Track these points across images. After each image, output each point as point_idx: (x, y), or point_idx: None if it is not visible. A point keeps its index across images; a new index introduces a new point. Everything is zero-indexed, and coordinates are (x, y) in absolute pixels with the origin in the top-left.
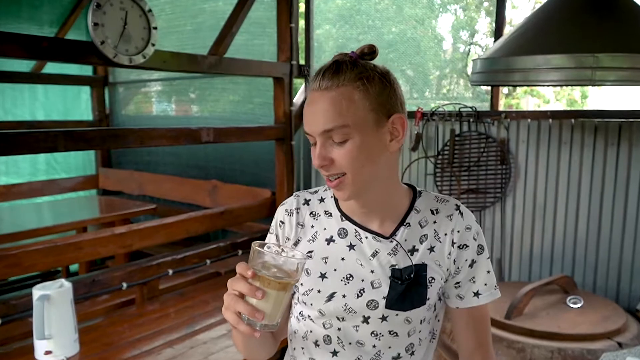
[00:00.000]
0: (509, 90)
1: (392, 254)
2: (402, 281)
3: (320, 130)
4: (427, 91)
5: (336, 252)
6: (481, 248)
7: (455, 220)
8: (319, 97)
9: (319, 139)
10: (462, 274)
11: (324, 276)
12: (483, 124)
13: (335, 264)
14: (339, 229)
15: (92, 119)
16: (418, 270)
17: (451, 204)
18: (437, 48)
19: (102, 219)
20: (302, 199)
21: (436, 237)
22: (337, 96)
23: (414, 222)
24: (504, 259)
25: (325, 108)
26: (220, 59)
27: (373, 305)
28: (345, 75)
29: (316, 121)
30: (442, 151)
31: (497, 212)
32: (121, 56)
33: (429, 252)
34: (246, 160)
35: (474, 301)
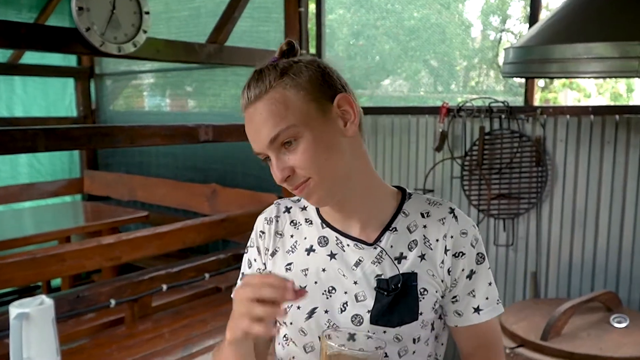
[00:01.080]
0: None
1: (376, 262)
2: (388, 292)
3: (267, 141)
4: (453, 84)
5: (316, 263)
6: (481, 257)
7: (448, 225)
8: (252, 111)
9: (271, 153)
10: (459, 287)
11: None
12: (516, 121)
13: (316, 276)
14: (319, 237)
15: (76, 115)
16: (407, 279)
17: (445, 206)
18: (465, 35)
19: (88, 227)
20: (283, 207)
21: (427, 244)
22: (268, 101)
23: (402, 226)
24: (540, 272)
25: (263, 117)
26: (221, 47)
27: (358, 321)
28: (269, 78)
29: (259, 135)
30: (470, 151)
31: (532, 219)
32: (109, 44)
33: (420, 260)
34: (250, 161)
35: (475, 318)
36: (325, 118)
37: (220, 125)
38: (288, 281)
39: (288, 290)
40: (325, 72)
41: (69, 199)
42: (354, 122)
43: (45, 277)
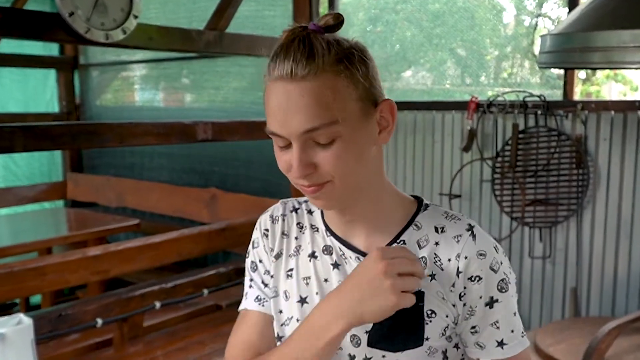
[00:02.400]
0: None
1: None
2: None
3: (302, 130)
4: (482, 76)
5: (318, 272)
6: (505, 283)
7: (463, 243)
8: (292, 89)
9: (298, 142)
10: (477, 316)
11: (304, 301)
12: (554, 118)
13: (318, 286)
14: (324, 246)
15: (58, 111)
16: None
17: (463, 222)
18: (496, 21)
19: (71, 237)
20: (290, 206)
21: (437, 263)
22: (319, 86)
23: (412, 240)
24: (581, 288)
25: (306, 102)
26: (221, 35)
27: (356, 342)
28: (324, 59)
29: (294, 120)
30: (501, 152)
31: (572, 229)
32: (95, 31)
33: (429, 279)
34: (254, 163)
35: (498, 353)
36: (365, 121)
37: (221, 122)
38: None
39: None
40: (374, 68)
41: (50, 206)
42: (389, 132)
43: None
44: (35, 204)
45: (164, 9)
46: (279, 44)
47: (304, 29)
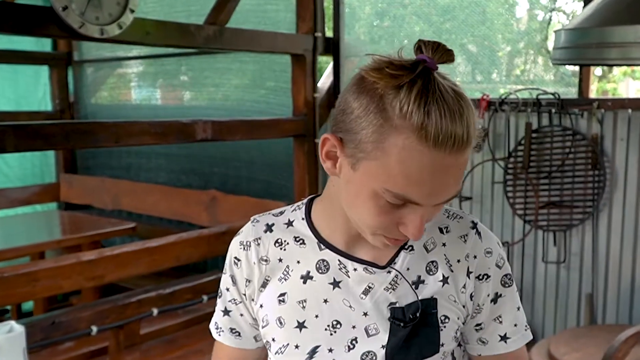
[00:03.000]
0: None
1: (390, 288)
2: (405, 323)
3: (445, 199)
4: (494, 73)
5: (316, 293)
6: (508, 278)
7: (471, 243)
8: (454, 162)
9: (426, 209)
10: (484, 313)
11: (303, 326)
12: (569, 116)
13: (317, 309)
14: (318, 261)
15: (51, 109)
16: (426, 307)
17: (466, 220)
18: (508, 15)
19: (65, 241)
20: (263, 225)
21: (448, 264)
22: (465, 161)
23: (418, 245)
24: (597, 294)
25: (457, 175)
26: (221, 29)
27: (369, 359)
28: (473, 135)
29: (444, 191)
30: (514, 152)
31: (588, 232)
32: (90, 26)
33: (441, 284)
34: (256, 164)
35: (501, 347)
36: None
37: (221, 121)
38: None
39: None
40: None
41: (42, 208)
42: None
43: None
44: (27, 207)
45: (161, 3)
46: (428, 95)
47: (429, 62)
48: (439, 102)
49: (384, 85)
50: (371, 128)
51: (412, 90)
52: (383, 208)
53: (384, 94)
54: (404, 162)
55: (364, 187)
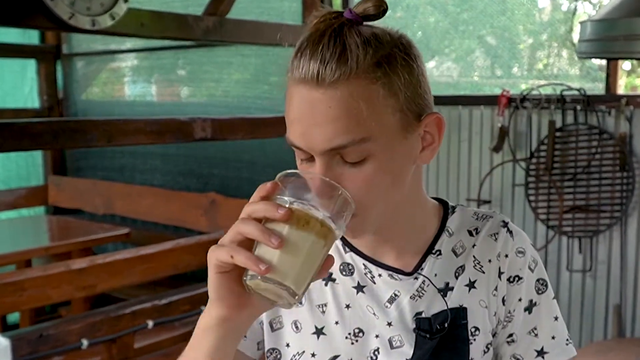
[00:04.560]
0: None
1: (417, 296)
2: (432, 334)
3: (326, 147)
4: (515, 67)
5: (337, 297)
6: (542, 284)
7: (502, 241)
8: (320, 97)
9: (321, 159)
10: (516, 322)
11: (321, 332)
12: (595, 114)
13: (337, 314)
14: (342, 264)
15: (39, 106)
16: (455, 316)
17: (496, 219)
18: (530, 5)
19: (53, 248)
20: None
21: (477, 267)
22: (350, 95)
23: (446, 249)
24: (626, 305)
25: (333, 115)
26: (221, 21)
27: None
28: (358, 61)
29: (318, 134)
30: (536, 152)
31: (616, 238)
32: (80, 17)
33: (469, 289)
34: (258, 164)
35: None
36: (405, 138)
37: (221, 119)
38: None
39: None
40: (421, 70)
41: (29, 213)
42: (434, 150)
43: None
44: (13, 211)
45: None
46: (305, 37)
47: (337, 17)
48: (314, 42)
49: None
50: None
51: (328, 31)
52: (299, 166)
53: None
54: (287, 105)
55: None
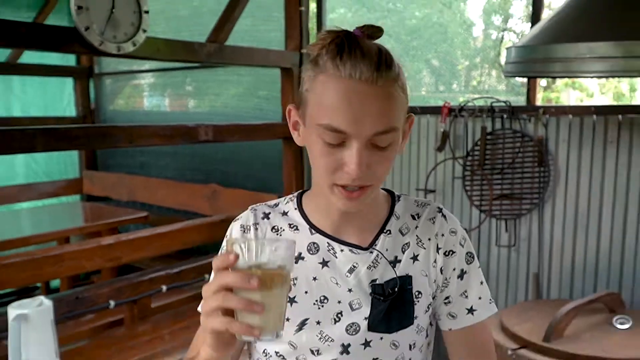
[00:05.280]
0: (548, 82)
1: (372, 267)
2: (384, 297)
3: (374, 132)
4: (454, 83)
5: (306, 271)
6: (470, 256)
7: (438, 224)
8: (369, 91)
9: (359, 142)
10: (451, 287)
11: (293, 300)
12: (518, 121)
13: (306, 285)
14: (309, 244)
15: (75, 115)
16: (402, 283)
17: (433, 207)
18: (467, 34)
19: (87, 228)
20: (261, 213)
21: (419, 244)
22: (387, 93)
23: (395, 229)
24: (542, 273)
25: (382, 105)
26: (221, 47)
27: (353, 329)
28: (388, 69)
29: (367, 121)
30: (471, 152)
31: (534, 220)
32: (108, 44)
33: (413, 261)
34: (252, 161)
35: (469, 319)
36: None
37: (220, 125)
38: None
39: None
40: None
41: (67, 200)
42: (405, 143)
43: (44, 278)
44: (54, 198)
45: (169, 24)
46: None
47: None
48: (353, 47)
49: (318, 48)
50: (308, 81)
51: (334, 42)
52: (325, 148)
53: (318, 53)
54: (326, 93)
55: (312, 136)
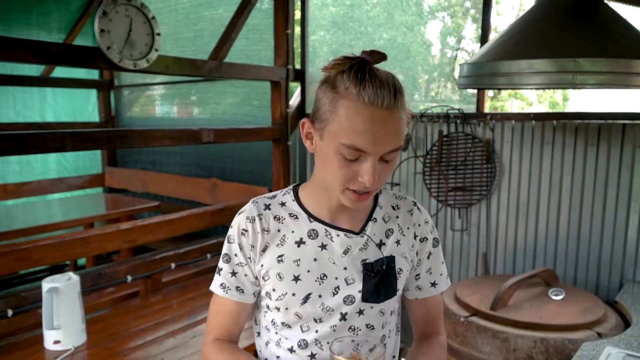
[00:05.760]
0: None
1: (363, 248)
2: (374, 274)
3: (388, 149)
4: (416, 94)
5: (307, 254)
6: (436, 241)
7: (415, 215)
8: (387, 117)
9: (374, 158)
10: (422, 266)
11: (297, 279)
12: (469, 125)
13: (308, 266)
14: (309, 230)
15: (98, 120)
16: (388, 262)
17: (409, 201)
18: (426, 53)
19: (108, 215)
20: (262, 205)
21: (400, 231)
22: (399, 117)
23: (379, 217)
24: (490, 253)
25: (395, 128)
26: (220, 63)
27: (350, 301)
28: (401, 100)
29: (385, 139)
30: (430, 151)
31: (483, 209)
32: (126, 61)
33: (396, 245)
34: (246, 159)
35: (432, 291)
36: None
37: (220, 128)
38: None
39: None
40: None
41: (92, 191)
42: None
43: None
44: (81, 190)
45: (177, 44)
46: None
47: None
48: (372, 76)
49: (335, 72)
50: (328, 102)
51: (352, 69)
52: (343, 162)
53: (335, 76)
54: (350, 118)
55: (329, 149)
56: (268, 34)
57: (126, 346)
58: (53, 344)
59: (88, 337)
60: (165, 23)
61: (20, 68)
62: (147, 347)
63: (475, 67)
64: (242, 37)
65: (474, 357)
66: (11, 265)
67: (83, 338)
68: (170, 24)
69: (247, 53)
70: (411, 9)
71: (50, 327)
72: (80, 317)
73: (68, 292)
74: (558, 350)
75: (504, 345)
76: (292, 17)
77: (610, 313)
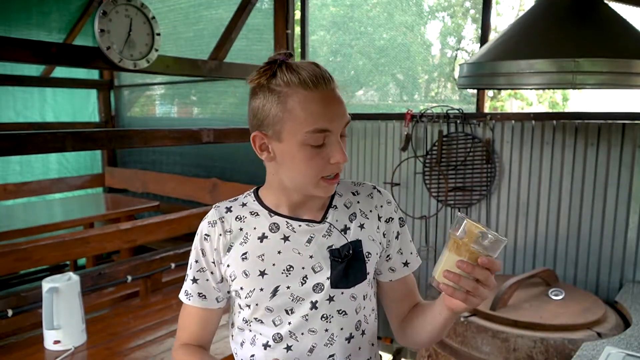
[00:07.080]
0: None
1: (327, 235)
2: (341, 259)
3: (344, 124)
4: (416, 94)
5: (271, 247)
6: (402, 220)
7: (376, 198)
8: (332, 94)
9: (336, 134)
10: (391, 247)
11: (264, 273)
12: (469, 125)
13: (273, 259)
14: (270, 225)
15: (98, 120)
16: (354, 246)
17: (368, 185)
18: (426, 53)
19: (108, 215)
20: (223, 208)
21: (363, 215)
22: (338, 93)
23: (340, 204)
24: None
25: (341, 103)
26: (220, 63)
27: (319, 288)
28: (332, 78)
29: (340, 116)
30: (430, 151)
31: (483, 208)
32: (126, 61)
33: (360, 229)
34: (246, 159)
35: (405, 271)
36: None
37: (219, 128)
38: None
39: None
40: None
41: (92, 191)
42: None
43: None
44: (81, 190)
45: (177, 44)
46: (284, 67)
47: (284, 57)
48: (299, 66)
49: (263, 79)
50: (274, 106)
51: (282, 67)
52: (311, 152)
53: (266, 83)
54: (304, 107)
55: (293, 147)
56: (268, 34)
57: (126, 346)
58: (53, 344)
59: (88, 337)
60: (165, 23)
61: (20, 68)
62: (147, 347)
63: (475, 67)
64: (242, 37)
65: (474, 357)
66: (11, 265)
67: (83, 338)
68: (170, 24)
69: (247, 53)
70: (411, 9)
71: (50, 327)
72: (80, 317)
73: (68, 292)
74: (558, 350)
75: (504, 345)
76: (292, 17)
77: (610, 313)
